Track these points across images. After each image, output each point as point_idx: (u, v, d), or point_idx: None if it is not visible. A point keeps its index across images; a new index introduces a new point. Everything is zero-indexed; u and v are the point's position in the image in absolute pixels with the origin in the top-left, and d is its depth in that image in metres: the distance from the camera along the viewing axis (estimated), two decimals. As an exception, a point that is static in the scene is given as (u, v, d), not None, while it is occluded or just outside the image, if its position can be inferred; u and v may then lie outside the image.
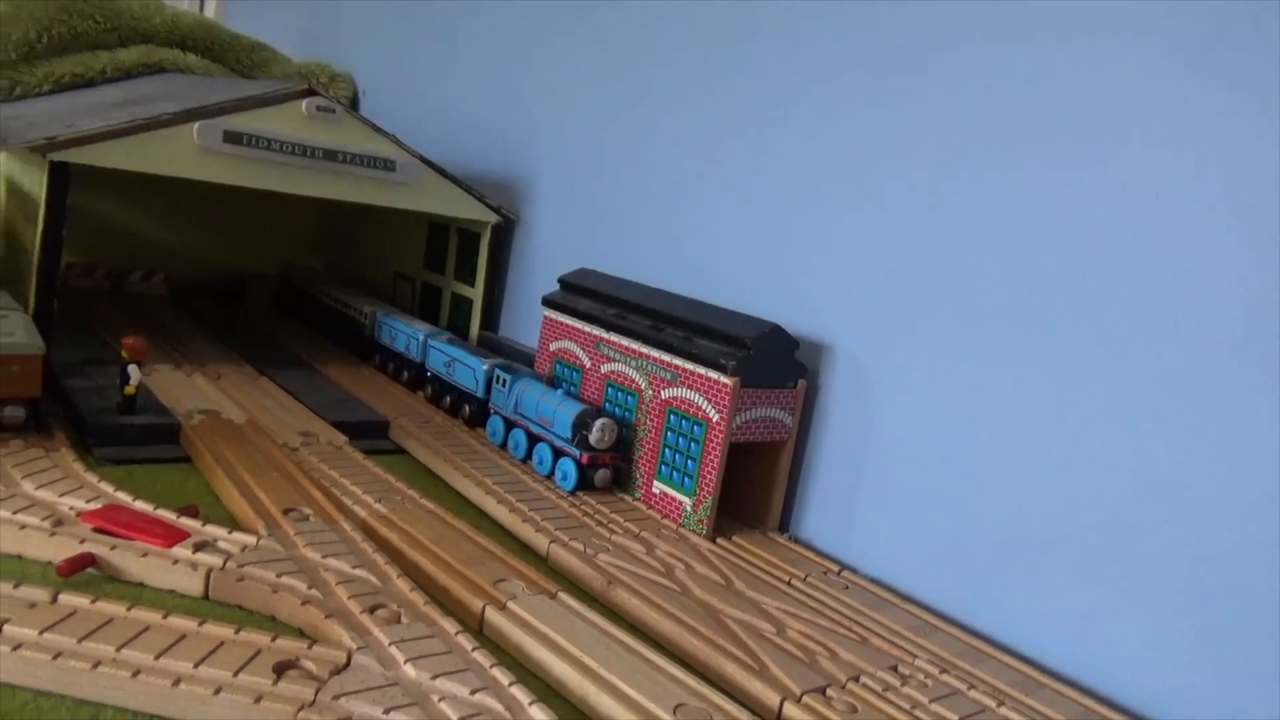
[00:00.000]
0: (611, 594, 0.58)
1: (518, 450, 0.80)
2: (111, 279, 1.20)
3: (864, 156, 0.71)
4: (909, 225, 0.68)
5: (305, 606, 0.49)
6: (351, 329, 1.08)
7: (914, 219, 0.68)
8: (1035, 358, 0.61)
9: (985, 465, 0.63)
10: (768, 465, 0.73)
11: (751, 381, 0.69)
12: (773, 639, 0.55)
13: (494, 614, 0.53)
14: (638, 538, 0.67)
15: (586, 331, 0.82)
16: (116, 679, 0.41)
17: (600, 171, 0.97)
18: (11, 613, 0.44)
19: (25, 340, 0.67)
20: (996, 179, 0.63)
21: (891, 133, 0.70)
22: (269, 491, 0.63)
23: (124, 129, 0.81)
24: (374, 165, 0.94)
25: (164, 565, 0.51)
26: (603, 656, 0.49)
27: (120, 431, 0.71)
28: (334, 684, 0.42)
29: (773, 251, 0.78)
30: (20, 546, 0.52)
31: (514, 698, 0.44)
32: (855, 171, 0.72)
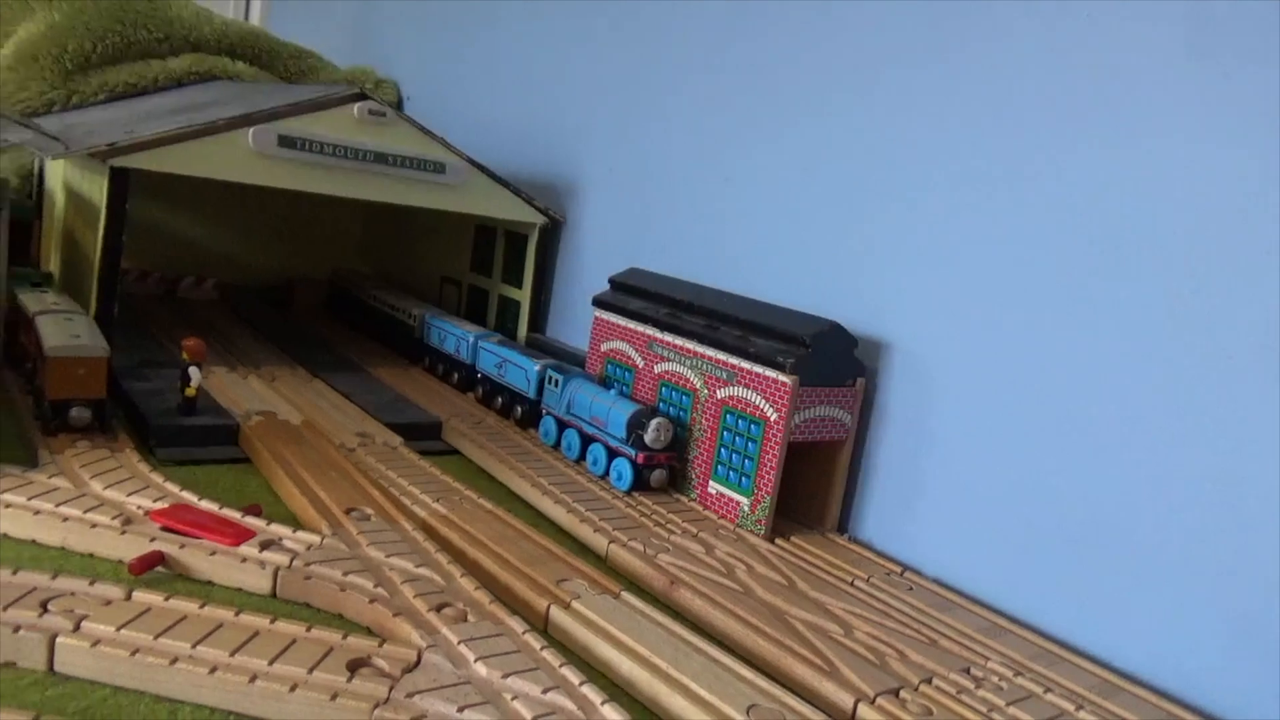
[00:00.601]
0: (674, 594, 0.58)
1: (571, 451, 0.80)
2: (164, 284, 1.22)
3: (923, 149, 0.70)
4: (971, 219, 0.67)
5: (373, 605, 0.49)
6: (400, 331, 1.08)
7: (976, 213, 0.67)
8: (1105, 354, 0.59)
9: (1054, 464, 0.61)
10: (825, 465, 0.72)
11: (810, 380, 0.68)
12: (841, 640, 0.54)
13: (559, 613, 0.52)
14: (696, 538, 0.66)
15: (639, 331, 0.81)
16: (194, 675, 0.41)
17: (648, 170, 0.96)
18: (88, 609, 0.44)
19: (91, 343, 0.68)
20: (1066, 169, 0.62)
21: (951, 123, 0.68)
22: (329, 491, 0.63)
23: (181, 134, 0.82)
24: (423, 168, 0.94)
25: (232, 563, 0.52)
26: (671, 656, 0.48)
27: (182, 433, 0.71)
28: (407, 682, 0.42)
29: (829, 248, 0.77)
30: (92, 545, 0.53)
31: (585, 697, 0.43)
32: (914, 165, 0.71)
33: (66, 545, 0.53)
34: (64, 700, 0.40)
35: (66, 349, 0.66)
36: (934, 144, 0.69)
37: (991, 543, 0.64)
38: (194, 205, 1.29)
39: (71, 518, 0.53)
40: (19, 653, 0.41)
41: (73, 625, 0.42)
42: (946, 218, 0.68)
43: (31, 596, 0.44)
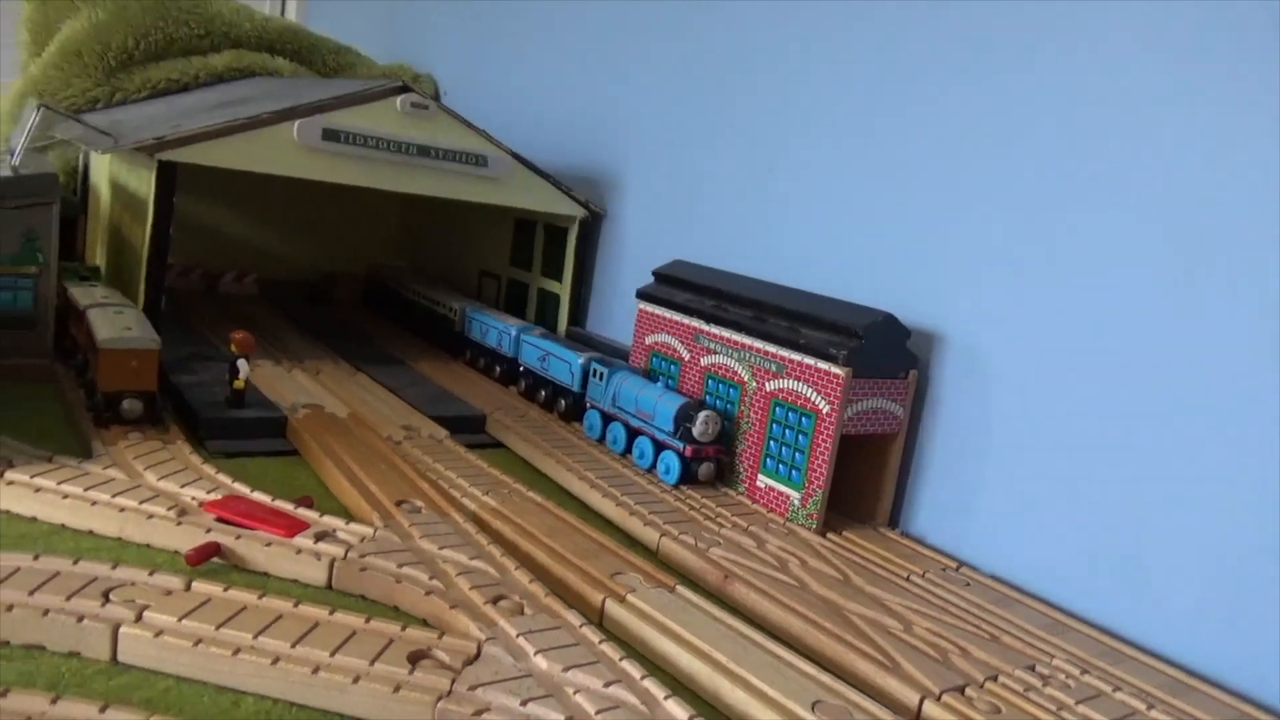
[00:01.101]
0: (729, 588, 0.57)
1: (617, 444, 0.79)
2: (206, 280, 1.22)
3: (979, 134, 0.69)
4: (1028, 206, 0.65)
5: (429, 597, 0.49)
6: (441, 325, 1.08)
7: (1034, 199, 0.65)
8: (1172, 346, 0.58)
9: (1117, 459, 0.60)
10: (877, 459, 0.71)
11: (863, 372, 0.67)
12: (901, 636, 0.53)
13: (614, 606, 0.52)
14: (747, 532, 0.66)
15: (684, 324, 0.81)
16: (257, 666, 0.40)
17: (690, 162, 0.95)
18: (149, 599, 0.44)
19: (142, 335, 0.68)
20: (1138, 157, 0.60)
21: (1013, 107, 0.67)
22: (379, 484, 0.63)
23: (227, 128, 0.82)
24: (466, 161, 0.94)
25: (288, 555, 0.52)
26: (731, 651, 0.48)
27: (231, 425, 0.72)
28: (468, 675, 0.42)
29: (878, 238, 0.75)
30: (149, 535, 0.53)
31: (648, 691, 0.43)
32: (968, 150, 0.69)
33: (124, 536, 0.53)
34: (129, 690, 0.40)
35: (119, 341, 0.66)
36: (992, 128, 0.68)
37: (1052, 539, 0.63)
38: (234, 201, 1.29)
39: (128, 508, 0.53)
40: (83, 642, 0.41)
41: (135, 615, 0.42)
42: (1005, 206, 0.67)
43: (93, 586, 0.44)
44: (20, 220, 0.77)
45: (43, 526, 0.53)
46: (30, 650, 0.41)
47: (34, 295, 0.78)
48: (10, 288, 0.77)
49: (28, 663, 0.40)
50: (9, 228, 0.76)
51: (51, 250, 0.78)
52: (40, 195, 0.77)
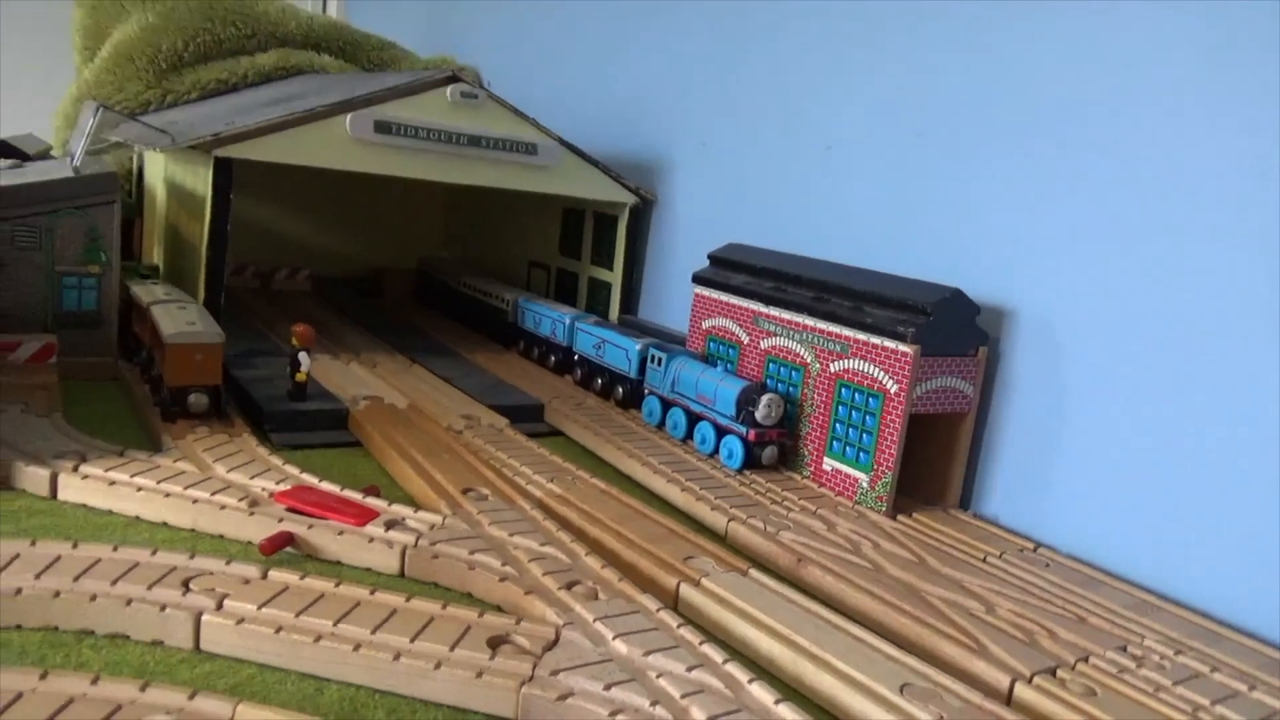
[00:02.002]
0: (803, 571, 0.56)
1: (677, 430, 0.78)
2: (260, 277, 1.24)
3: (1049, 101, 0.67)
4: (1102, 177, 0.63)
5: (503, 584, 0.48)
6: (493, 316, 1.08)
7: (1108, 170, 0.63)
8: (1256, 316, 0.55)
9: (1204, 435, 0.58)
10: (946, 439, 0.69)
11: (932, 350, 0.65)
12: (984, 618, 0.51)
13: (689, 591, 0.51)
14: (815, 515, 0.64)
15: (743, 307, 0.79)
16: (338, 653, 0.40)
17: (744, 143, 0.94)
18: (228, 588, 0.44)
19: (206, 329, 0.68)
20: (1210, 117, 0.58)
21: (1085, 70, 0.65)
22: (444, 472, 0.63)
23: (281, 123, 0.83)
24: (516, 149, 0.93)
25: (360, 543, 0.51)
26: (812, 634, 0.46)
27: (295, 417, 0.72)
28: (549, 660, 0.41)
29: (943, 213, 0.73)
30: (222, 526, 0.53)
31: (731, 675, 0.42)
32: (1039, 118, 0.67)
33: (197, 527, 0.53)
34: (213, 678, 0.40)
35: (184, 336, 0.67)
36: (1066, 95, 0.66)
37: (1135, 518, 0.61)
38: (285, 199, 1.31)
39: (201, 500, 0.54)
40: (166, 631, 0.41)
41: (216, 604, 0.42)
42: (1076, 175, 0.65)
43: (173, 576, 0.44)
44: (83, 220, 0.78)
45: (119, 519, 0.54)
46: (115, 639, 0.41)
47: (98, 294, 0.79)
48: (76, 287, 0.78)
49: (113, 651, 0.41)
50: (73, 228, 0.77)
51: (114, 249, 0.79)
52: (101, 194, 0.78)
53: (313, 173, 1.27)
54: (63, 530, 0.51)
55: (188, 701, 0.35)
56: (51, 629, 0.41)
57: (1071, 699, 0.43)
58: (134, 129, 0.87)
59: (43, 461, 0.56)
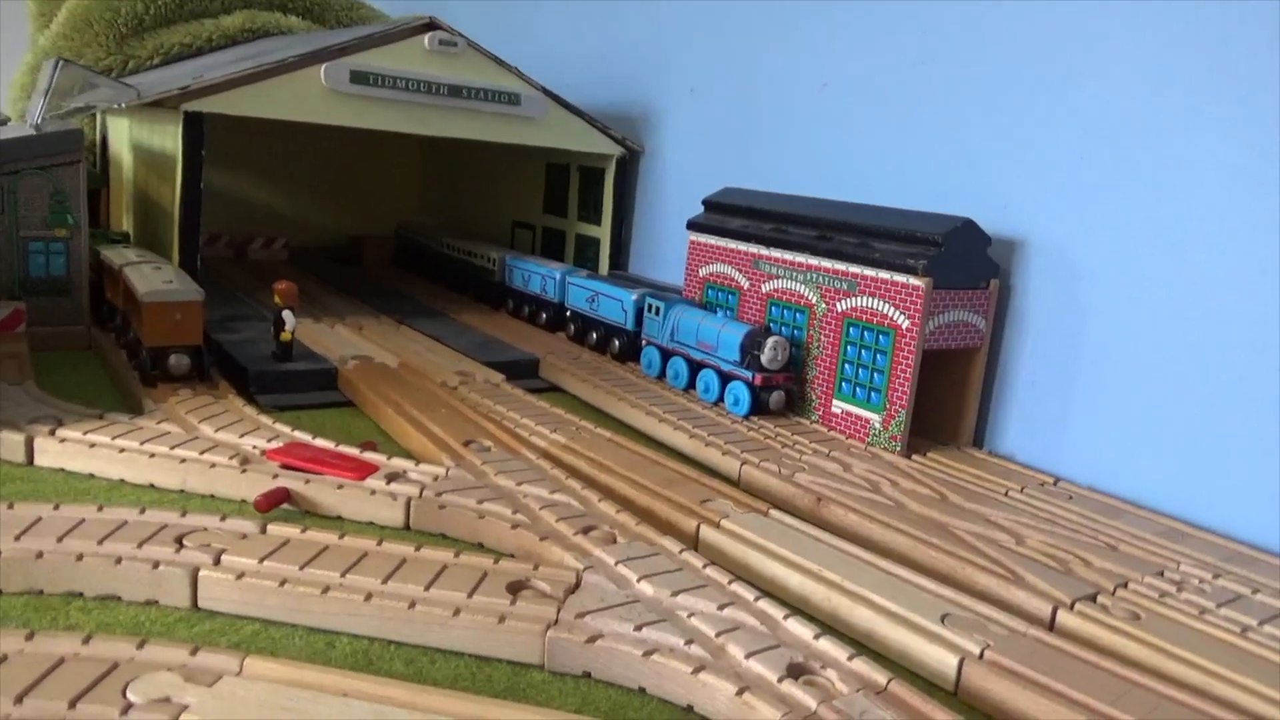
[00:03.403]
0: (824, 511, 0.54)
1: (678, 380, 0.76)
2: (234, 247, 1.20)
3: (1057, 17, 0.64)
4: (1116, 98, 0.61)
5: (516, 531, 0.46)
6: (478, 277, 1.05)
7: (1121, 90, 0.61)
8: (1275, 236, 0.54)
9: (1226, 360, 0.56)
10: (958, 375, 0.68)
11: (944, 282, 0.63)
12: (1015, 549, 0.49)
13: (710, 532, 0.49)
14: (828, 457, 0.62)
15: (742, 251, 0.77)
16: (349, 604, 0.38)
17: (733, 87, 0.91)
18: (225, 543, 0.41)
19: (184, 287, 0.65)
20: (1232, 39, 0.55)
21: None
22: (443, 426, 0.60)
23: (253, 74, 0.79)
24: (498, 100, 0.90)
25: (361, 497, 0.49)
26: (844, 570, 0.44)
27: (281, 378, 0.69)
28: (573, 603, 0.39)
29: (947, 144, 0.71)
30: (213, 485, 0.50)
31: (764, 612, 0.40)
32: (1046, 39, 0.65)
33: (186, 487, 0.50)
34: (214, 635, 0.37)
35: (161, 294, 0.63)
36: (1075, 11, 0.63)
37: (1157, 447, 0.59)
38: (259, 169, 1.26)
39: (189, 459, 0.51)
40: (161, 589, 0.39)
41: (213, 559, 0.40)
42: (1089, 98, 0.62)
43: (165, 533, 0.41)
44: (47, 181, 0.74)
45: (100, 483, 0.51)
46: (105, 600, 0.39)
47: (67, 259, 0.75)
48: (43, 252, 0.74)
49: (104, 613, 0.38)
50: (36, 190, 0.73)
51: (81, 211, 0.75)
52: (65, 153, 0.74)
53: (286, 141, 1.23)
54: (42, 495, 0.48)
55: (190, 657, 0.32)
56: (35, 592, 0.39)
57: (1116, 623, 0.42)
58: (97, 86, 0.83)
59: (16, 427, 0.53)
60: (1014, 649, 0.39)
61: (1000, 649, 0.38)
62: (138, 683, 0.31)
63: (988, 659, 0.38)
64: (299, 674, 0.32)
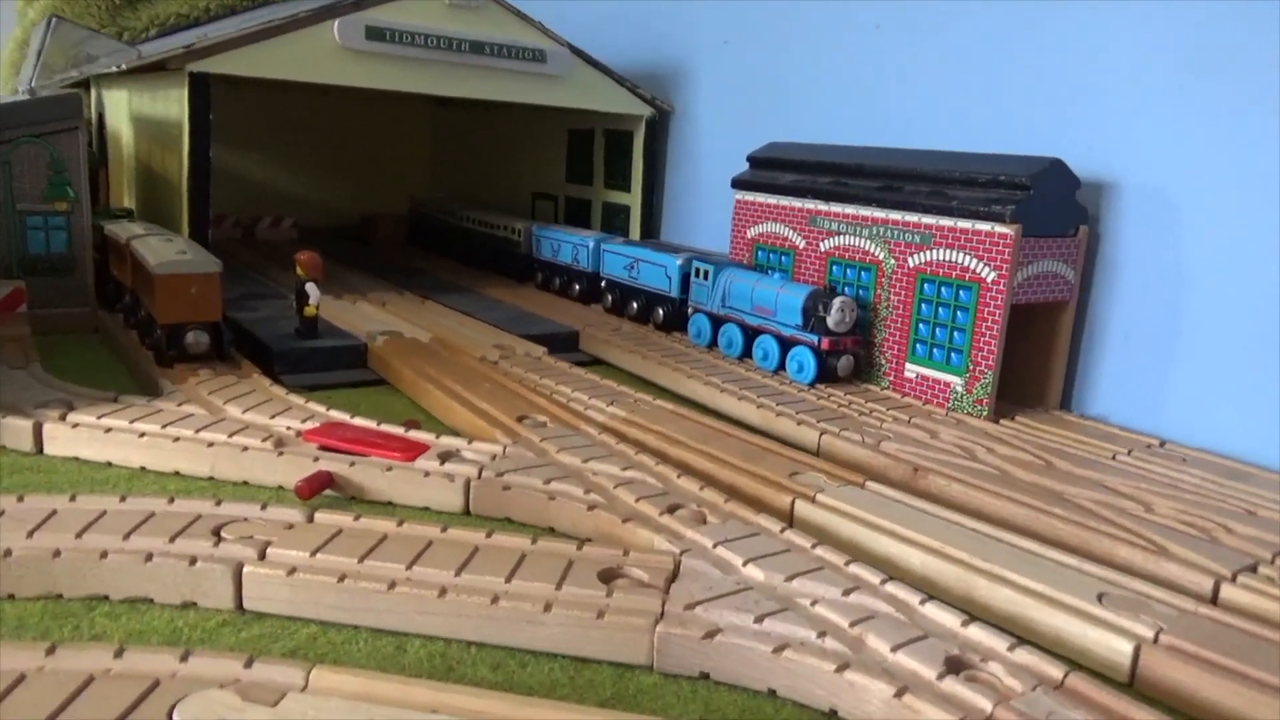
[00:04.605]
0: (923, 481, 0.48)
1: (732, 348, 0.71)
2: (241, 227, 1.14)
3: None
4: (1216, 18, 0.55)
5: (594, 512, 0.41)
6: (502, 250, 0.99)
7: (1219, 18, 0.55)
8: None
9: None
10: (1045, 332, 0.62)
11: (1033, 230, 0.57)
12: (1147, 517, 0.44)
13: (806, 508, 0.43)
14: (910, 424, 0.57)
15: (796, 207, 0.71)
16: (420, 600, 0.32)
17: (773, 35, 0.85)
18: (270, 535, 0.36)
19: (199, 258, 0.59)
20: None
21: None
22: (491, 402, 0.55)
23: (262, 31, 0.73)
24: (522, 57, 0.84)
25: (414, 479, 0.43)
26: (970, 546, 0.39)
27: (308, 356, 0.63)
28: (677, 593, 0.33)
29: (1022, 80, 0.65)
30: (245, 471, 0.45)
31: (897, 598, 0.34)
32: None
33: (216, 474, 0.45)
34: (266, 642, 0.32)
35: (175, 265, 0.58)
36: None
37: (1271, 405, 0.54)
38: (264, 147, 1.21)
39: (218, 443, 0.45)
40: (199, 589, 0.33)
41: (257, 553, 0.34)
42: (1191, 20, 0.57)
43: (199, 525, 0.36)
44: (44, 150, 0.68)
45: (120, 471, 0.45)
46: (135, 604, 0.33)
47: (68, 234, 0.70)
48: (42, 228, 0.69)
49: (135, 618, 0.32)
50: (33, 160, 0.68)
51: (82, 182, 0.70)
52: (63, 119, 0.68)
53: (293, 116, 1.17)
54: (55, 487, 0.43)
55: (244, 670, 0.27)
56: (54, 597, 0.33)
57: (1291, 598, 0.37)
58: (95, 44, 0.77)
59: (23, 412, 0.47)
60: (1192, 630, 0.33)
61: (1176, 631, 0.33)
62: (186, 704, 0.25)
63: (1164, 643, 0.33)
64: (377, 687, 0.26)
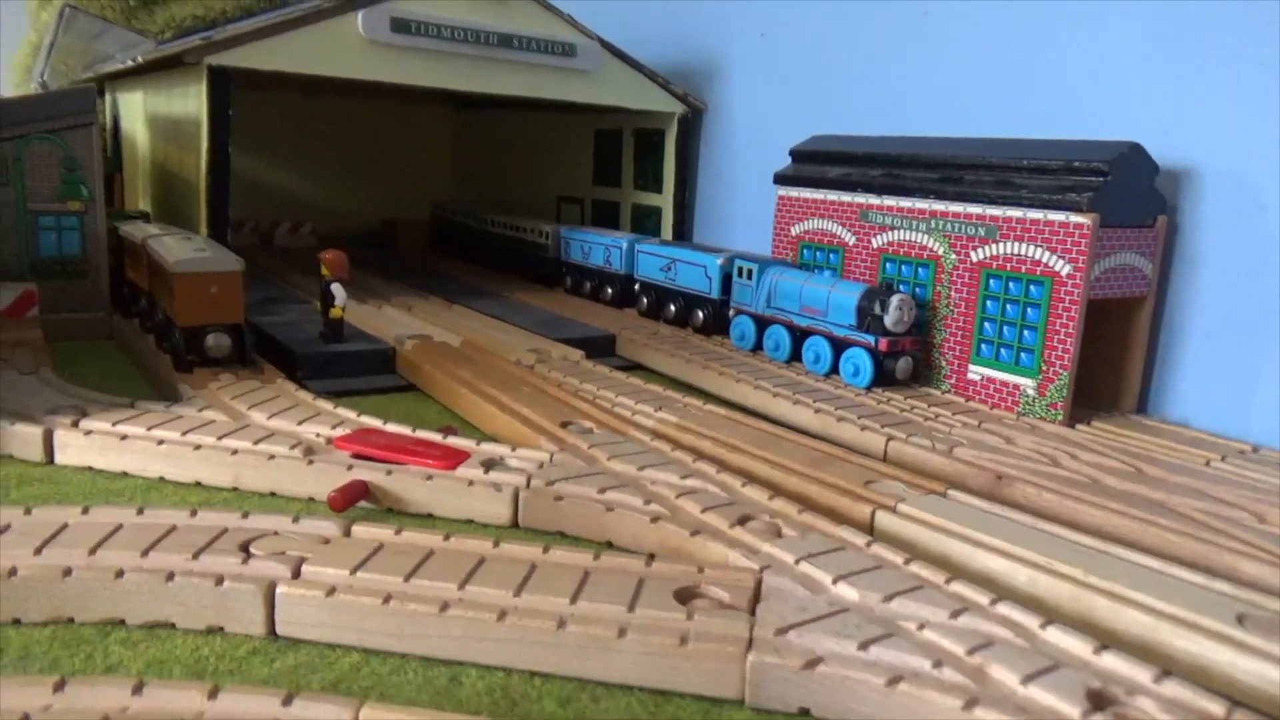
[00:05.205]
0: (1007, 490, 0.44)
1: (779, 351, 0.67)
2: (259, 233, 1.11)
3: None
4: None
5: (657, 525, 0.37)
6: (529, 254, 0.96)
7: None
8: None
9: None
10: (1119, 330, 0.58)
11: (1111, 219, 0.53)
12: (1263, 528, 0.40)
13: (888, 518, 0.39)
14: (980, 429, 0.53)
15: (845, 202, 0.68)
16: (478, 624, 0.28)
17: (809, 27, 0.81)
18: (304, 550, 0.32)
19: (220, 256, 0.56)
20: None
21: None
22: (531, 406, 0.51)
23: (283, 23, 0.70)
24: (552, 51, 0.81)
25: (457, 489, 0.40)
26: (1083, 562, 0.35)
27: (333, 360, 0.60)
28: (765, 615, 0.30)
29: (1082, 62, 0.61)
30: (273, 481, 0.41)
31: (1011, 619, 0.30)
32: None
33: (240, 484, 0.41)
34: (303, 673, 0.28)
35: (195, 264, 0.54)
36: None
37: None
38: (282, 151, 1.18)
39: (242, 451, 0.42)
40: (227, 613, 0.30)
41: (291, 570, 0.31)
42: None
43: (226, 539, 0.32)
44: (57, 147, 0.65)
45: (137, 482, 0.42)
46: (155, 630, 0.30)
47: (82, 235, 0.66)
48: (54, 228, 0.66)
49: (155, 647, 0.29)
50: (45, 157, 0.65)
51: (96, 181, 0.67)
52: (76, 114, 0.65)
53: (311, 121, 1.14)
54: (66, 498, 0.39)
55: (283, 709, 0.23)
56: (64, 621, 0.30)
57: None
58: (110, 37, 0.74)
59: (32, 419, 0.44)
60: (1357, 658, 0.29)
61: (1339, 659, 0.29)
62: (216, 752, 0.21)
63: (1326, 673, 0.29)
64: (437, 729, 0.23)
